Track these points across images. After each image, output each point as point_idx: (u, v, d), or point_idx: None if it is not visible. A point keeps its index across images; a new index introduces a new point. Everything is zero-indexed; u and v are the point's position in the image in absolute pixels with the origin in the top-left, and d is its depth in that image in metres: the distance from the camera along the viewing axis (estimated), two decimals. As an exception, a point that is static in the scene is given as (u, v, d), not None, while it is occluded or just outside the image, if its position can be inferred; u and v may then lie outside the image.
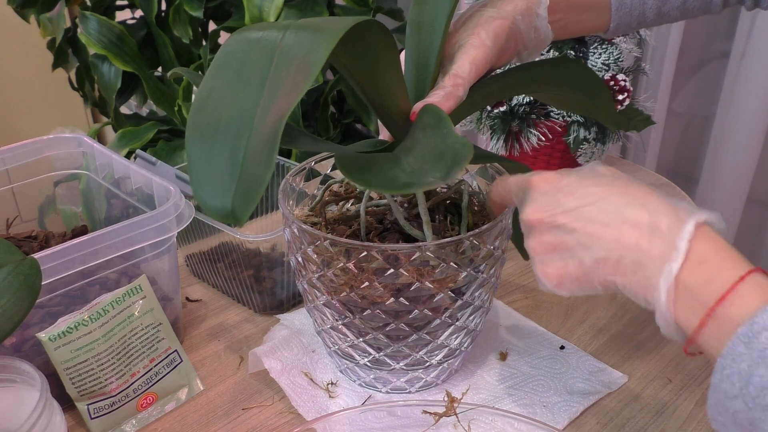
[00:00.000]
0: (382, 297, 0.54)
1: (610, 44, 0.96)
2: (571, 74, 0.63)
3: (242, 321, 0.74)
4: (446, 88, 0.51)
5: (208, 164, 0.38)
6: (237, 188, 0.37)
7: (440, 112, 0.47)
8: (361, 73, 0.49)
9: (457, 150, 0.42)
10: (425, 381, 0.63)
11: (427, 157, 0.43)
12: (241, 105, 0.39)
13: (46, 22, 1.48)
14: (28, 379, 0.53)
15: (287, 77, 0.38)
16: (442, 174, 0.41)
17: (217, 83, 0.40)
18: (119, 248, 0.60)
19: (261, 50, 0.40)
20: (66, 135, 0.76)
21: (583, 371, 0.66)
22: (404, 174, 0.43)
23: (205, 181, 0.37)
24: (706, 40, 1.51)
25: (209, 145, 0.38)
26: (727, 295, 0.39)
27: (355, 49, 0.46)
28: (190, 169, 0.38)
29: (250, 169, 0.37)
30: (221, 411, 0.62)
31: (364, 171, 0.44)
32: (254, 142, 0.37)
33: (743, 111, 1.41)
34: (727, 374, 0.38)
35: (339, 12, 1.28)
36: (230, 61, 0.41)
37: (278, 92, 0.38)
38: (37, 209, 0.79)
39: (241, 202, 0.36)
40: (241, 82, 0.39)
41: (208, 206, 0.37)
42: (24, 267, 0.51)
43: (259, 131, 0.37)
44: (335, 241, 0.53)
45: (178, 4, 1.30)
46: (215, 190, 0.37)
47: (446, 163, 0.42)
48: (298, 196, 0.64)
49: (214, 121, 0.38)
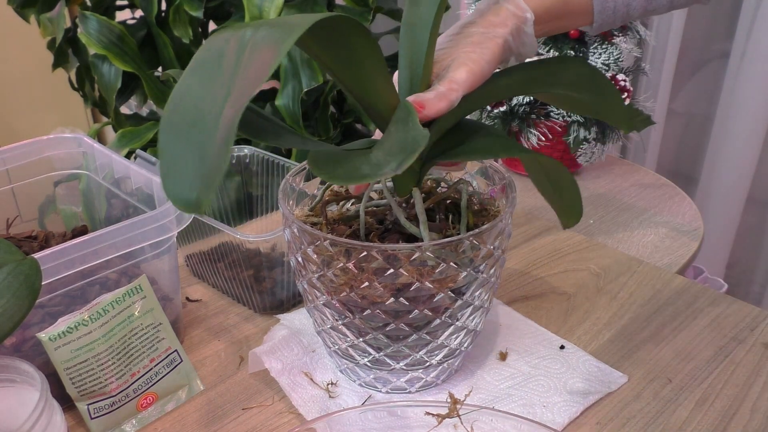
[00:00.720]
0: (382, 297, 0.54)
1: (610, 44, 0.96)
2: (575, 74, 0.62)
3: (242, 321, 0.74)
4: (440, 89, 0.51)
5: (179, 161, 0.39)
6: (201, 179, 0.38)
7: (409, 106, 0.48)
8: (343, 72, 0.49)
9: (416, 140, 0.43)
10: (425, 381, 0.63)
11: (392, 149, 0.44)
12: (210, 102, 0.40)
13: (46, 22, 1.48)
14: (28, 379, 0.53)
15: (250, 71, 0.40)
16: (396, 164, 0.41)
17: (191, 81, 0.41)
18: (119, 248, 0.60)
19: (233, 47, 0.41)
20: (66, 135, 0.76)
21: (583, 371, 0.66)
22: (367, 166, 0.43)
23: (176, 177, 0.39)
24: (706, 40, 1.51)
25: (181, 143, 0.39)
26: None
27: (334, 47, 0.46)
28: (161, 164, 0.39)
29: (211, 160, 0.38)
30: (221, 411, 0.62)
31: (330, 164, 0.46)
32: (217, 135, 0.38)
33: (743, 111, 1.41)
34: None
35: (339, 11, 1.28)
36: (205, 59, 0.42)
37: (239, 85, 0.39)
38: (37, 209, 0.79)
39: (204, 191, 0.38)
40: (213, 80, 0.41)
41: (177, 199, 0.39)
42: (24, 267, 0.51)
43: (221, 124, 0.39)
44: (335, 241, 0.53)
45: (178, 4, 1.30)
46: (185, 185, 0.38)
47: (405, 153, 0.42)
48: (299, 196, 0.64)
49: (187, 120, 0.40)
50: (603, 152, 1.02)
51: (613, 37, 0.96)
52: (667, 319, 0.73)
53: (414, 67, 0.54)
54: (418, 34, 0.54)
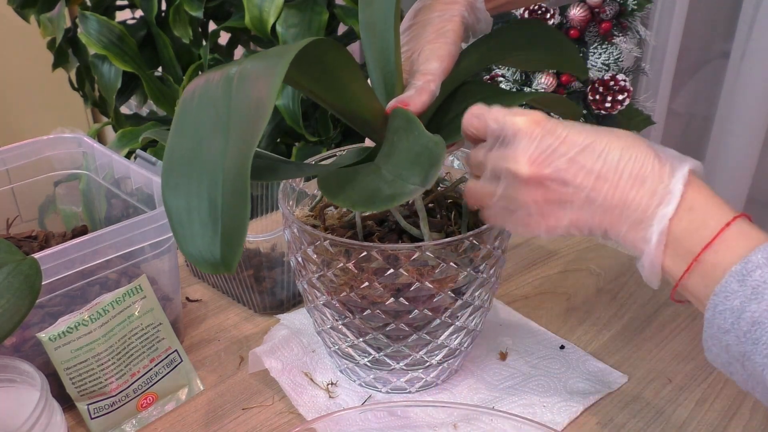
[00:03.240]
0: (382, 297, 0.54)
1: (610, 44, 0.96)
2: (530, 35, 0.65)
3: (242, 321, 0.74)
4: (417, 84, 0.52)
5: (190, 219, 0.38)
6: (222, 236, 0.37)
7: (408, 114, 0.48)
8: (326, 93, 0.49)
9: (431, 150, 0.42)
10: (425, 381, 0.63)
11: (404, 162, 0.43)
12: (208, 150, 0.38)
13: (46, 22, 1.48)
14: (28, 379, 0.53)
15: (243, 118, 0.38)
16: (420, 179, 0.40)
17: (180, 137, 0.40)
18: (119, 248, 0.60)
19: (218, 90, 0.40)
20: (66, 135, 0.76)
21: (583, 371, 0.66)
22: (386, 185, 0.43)
23: (189, 237, 0.37)
24: (706, 40, 1.51)
25: (186, 203, 0.38)
26: (713, 241, 0.41)
27: (315, 72, 0.45)
28: (172, 227, 0.38)
29: (229, 213, 0.37)
30: (221, 411, 0.62)
31: (346, 188, 0.44)
32: (228, 184, 0.37)
33: (743, 111, 1.41)
34: (720, 310, 0.40)
35: (339, 12, 1.28)
36: (189, 111, 0.40)
37: (240, 128, 0.38)
38: (37, 209, 0.79)
39: (228, 248, 0.36)
40: (204, 128, 0.39)
41: (197, 259, 0.37)
42: (24, 267, 0.51)
43: (229, 172, 0.37)
44: (335, 242, 0.53)
45: (178, 4, 1.30)
46: (201, 243, 0.37)
47: (423, 166, 0.41)
48: (299, 196, 0.64)
49: (186, 174, 0.38)
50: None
51: (613, 37, 0.96)
52: (667, 319, 0.73)
53: (384, 68, 0.54)
54: (380, 34, 0.54)
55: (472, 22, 0.58)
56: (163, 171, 0.39)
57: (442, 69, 0.54)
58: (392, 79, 0.54)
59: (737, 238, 0.41)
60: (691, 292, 0.43)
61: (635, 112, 1.04)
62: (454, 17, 0.56)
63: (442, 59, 0.54)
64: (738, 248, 0.40)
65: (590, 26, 0.96)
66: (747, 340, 0.39)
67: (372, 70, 0.55)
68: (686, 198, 0.42)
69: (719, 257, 0.41)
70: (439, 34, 0.55)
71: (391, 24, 0.53)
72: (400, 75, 0.54)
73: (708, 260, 0.41)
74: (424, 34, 0.55)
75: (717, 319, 0.41)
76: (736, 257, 0.40)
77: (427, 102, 0.52)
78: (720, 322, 0.40)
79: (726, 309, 0.40)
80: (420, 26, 0.56)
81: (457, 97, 0.58)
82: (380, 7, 0.54)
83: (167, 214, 0.38)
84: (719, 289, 0.40)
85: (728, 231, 0.41)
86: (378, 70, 0.55)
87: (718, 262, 0.41)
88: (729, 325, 0.40)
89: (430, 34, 0.55)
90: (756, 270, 0.39)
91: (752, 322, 0.39)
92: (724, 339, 0.40)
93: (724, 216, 0.42)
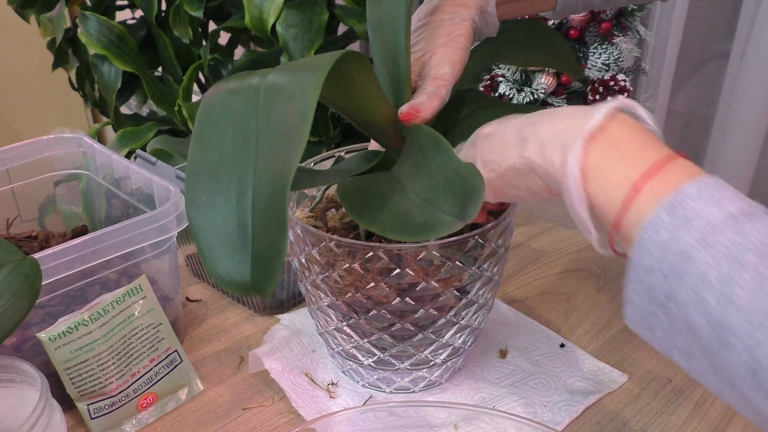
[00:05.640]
0: (388, 297, 0.54)
1: (610, 44, 0.96)
2: (529, 35, 0.66)
3: (242, 321, 0.74)
4: (429, 90, 0.52)
5: (216, 238, 0.36)
6: (253, 258, 0.35)
7: (434, 134, 0.47)
8: (343, 101, 0.48)
9: (464, 178, 0.41)
10: (429, 380, 0.63)
11: (434, 186, 0.42)
12: (233, 167, 0.36)
13: (46, 22, 1.48)
14: (28, 379, 0.53)
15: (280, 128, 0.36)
16: (457, 211, 0.39)
17: (202, 151, 0.37)
18: (119, 248, 0.60)
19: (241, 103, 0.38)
20: (66, 135, 0.76)
21: (584, 370, 0.66)
22: (416, 208, 0.42)
23: (217, 255, 0.35)
24: (706, 40, 1.51)
25: (211, 218, 0.36)
26: (656, 171, 0.38)
27: (336, 83, 0.44)
28: (198, 245, 0.36)
29: (263, 236, 0.34)
30: (221, 411, 0.62)
31: (371, 207, 0.43)
32: (260, 205, 0.35)
33: (743, 111, 1.41)
34: (646, 244, 0.36)
35: (339, 12, 1.27)
36: (211, 120, 0.38)
37: (274, 146, 0.36)
38: (37, 209, 0.79)
39: (262, 272, 0.34)
40: (228, 143, 0.37)
41: (226, 281, 0.35)
42: (24, 267, 0.51)
43: (264, 193, 0.35)
44: (340, 242, 0.53)
45: (178, 4, 1.30)
46: (229, 264, 0.35)
47: (458, 194, 0.40)
48: (299, 197, 0.64)
49: (211, 191, 0.36)
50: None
51: (613, 37, 0.96)
52: (668, 319, 0.73)
53: (393, 69, 0.54)
54: (390, 34, 0.53)
55: (481, 26, 0.58)
56: (187, 186, 0.37)
57: (454, 74, 0.53)
58: (401, 80, 0.53)
59: (674, 171, 0.37)
60: (625, 237, 0.39)
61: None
62: (465, 21, 0.55)
63: (453, 64, 0.53)
64: (672, 181, 0.37)
65: (590, 26, 0.96)
66: (672, 275, 0.35)
67: (379, 71, 0.54)
68: (615, 129, 0.40)
69: (653, 192, 0.37)
70: (450, 37, 0.54)
71: (402, 24, 0.52)
72: (409, 77, 0.53)
73: (649, 190, 0.37)
74: (435, 36, 0.55)
75: (643, 258, 0.37)
76: (670, 188, 0.36)
77: (437, 108, 0.52)
78: (645, 260, 0.36)
79: (653, 242, 0.36)
80: (431, 27, 0.56)
81: (455, 102, 0.58)
82: (390, 6, 0.53)
83: (192, 232, 0.36)
84: (647, 221, 0.36)
85: (672, 164, 0.38)
86: (386, 71, 0.54)
87: (650, 197, 0.37)
88: (655, 260, 0.36)
89: (442, 37, 0.54)
90: (687, 200, 0.36)
91: (680, 253, 0.35)
92: (648, 280, 0.37)
93: (664, 150, 0.39)
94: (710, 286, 0.34)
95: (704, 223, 0.35)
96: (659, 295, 0.36)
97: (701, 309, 0.34)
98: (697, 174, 0.37)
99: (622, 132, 0.40)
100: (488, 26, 0.59)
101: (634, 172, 0.38)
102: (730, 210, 0.35)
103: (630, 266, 0.38)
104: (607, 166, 0.39)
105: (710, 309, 0.34)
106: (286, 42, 1.20)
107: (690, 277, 0.35)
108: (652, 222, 0.36)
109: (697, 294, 0.34)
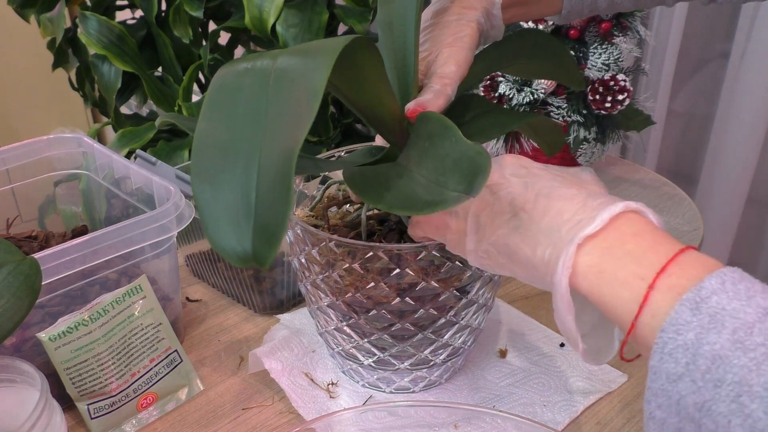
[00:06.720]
0: (388, 297, 0.54)
1: (610, 44, 0.96)
2: (533, 44, 0.66)
3: (242, 321, 0.74)
4: (435, 88, 0.52)
5: (219, 209, 0.36)
6: (255, 229, 0.35)
7: (444, 120, 0.47)
8: (350, 90, 0.48)
9: (472, 158, 0.41)
10: (429, 380, 0.63)
11: (441, 168, 0.42)
12: (242, 141, 0.37)
13: (46, 22, 1.48)
14: (28, 379, 0.53)
15: (288, 106, 0.37)
16: (464, 186, 0.39)
17: (211, 124, 0.38)
18: (119, 248, 0.60)
19: (252, 81, 0.38)
20: (66, 135, 0.76)
21: (584, 370, 0.66)
22: (422, 188, 0.42)
23: (219, 226, 0.36)
24: (706, 40, 1.51)
25: (216, 189, 0.36)
26: (669, 266, 0.34)
27: (344, 69, 0.44)
28: (201, 216, 0.36)
29: (267, 207, 0.35)
30: (221, 411, 0.62)
31: (376, 188, 0.43)
32: (266, 178, 0.35)
33: (743, 111, 1.41)
34: (670, 350, 0.32)
35: (339, 12, 1.27)
36: (222, 97, 0.39)
37: (282, 123, 0.36)
38: (37, 209, 0.79)
39: (263, 243, 0.35)
40: (238, 118, 0.38)
41: (226, 251, 0.35)
42: (24, 267, 0.51)
43: (270, 166, 0.35)
44: (340, 242, 0.53)
45: (178, 4, 1.30)
46: (231, 234, 0.35)
47: (464, 173, 0.40)
48: (299, 196, 0.64)
49: (218, 163, 0.37)
50: (603, 152, 1.02)
51: (613, 37, 0.96)
52: (667, 319, 0.73)
53: (401, 67, 0.54)
54: (399, 34, 0.54)
55: (486, 29, 0.58)
56: (193, 159, 0.38)
57: (459, 74, 0.54)
58: (408, 78, 0.54)
59: (689, 265, 0.34)
60: (641, 341, 0.35)
61: (635, 112, 1.04)
62: (471, 22, 0.56)
63: (459, 64, 0.54)
64: (690, 275, 0.34)
65: (590, 26, 0.96)
66: (706, 384, 0.31)
67: (388, 70, 0.55)
68: (622, 226, 0.37)
69: (670, 288, 0.34)
70: (456, 38, 0.55)
71: (411, 24, 0.53)
72: (416, 75, 0.54)
73: (657, 297, 0.34)
74: (441, 36, 0.55)
75: (666, 364, 0.32)
76: (689, 284, 0.33)
77: (443, 106, 0.52)
78: (670, 366, 0.32)
79: (678, 347, 0.32)
80: (438, 28, 0.56)
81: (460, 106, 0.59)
82: (401, 6, 0.54)
83: (196, 201, 0.37)
84: (668, 323, 0.32)
85: (683, 256, 0.35)
86: (394, 70, 0.55)
87: (667, 295, 0.34)
88: (682, 367, 0.32)
89: (448, 37, 0.55)
90: (712, 296, 0.32)
91: (713, 357, 0.31)
92: (675, 391, 0.32)
93: (675, 245, 0.36)
94: (755, 394, 0.30)
95: (737, 322, 0.31)
96: (689, 407, 0.32)
97: (745, 420, 0.30)
98: (714, 266, 0.34)
99: (627, 228, 0.37)
100: (494, 29, 0.59)
101: (646, 269, 0.35)
102: (763, 306, 0.31)
103: (651, 376, 0.33)
104: (612, 263, 0.36)
105: (759, 422, 0.30)
106: (286, 42, 1.20)
107: (728, 386, 0.30)
108: (674, 322, 0.32)
109: (740, 404, 0.30)
